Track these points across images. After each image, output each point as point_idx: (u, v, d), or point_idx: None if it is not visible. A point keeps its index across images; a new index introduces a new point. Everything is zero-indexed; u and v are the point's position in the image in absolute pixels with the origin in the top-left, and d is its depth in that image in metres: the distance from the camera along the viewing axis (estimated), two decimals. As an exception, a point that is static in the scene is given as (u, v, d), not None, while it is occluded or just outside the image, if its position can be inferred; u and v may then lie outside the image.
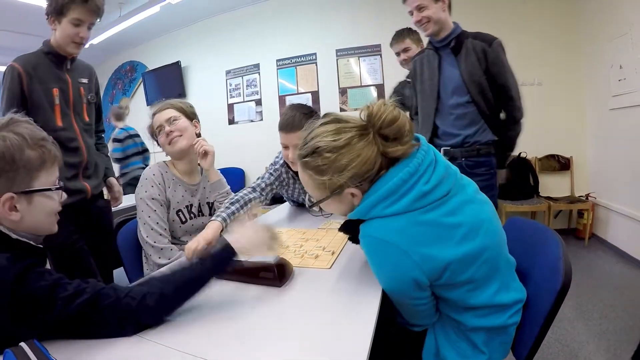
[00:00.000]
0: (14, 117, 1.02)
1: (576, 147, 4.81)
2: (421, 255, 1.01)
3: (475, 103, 2.25)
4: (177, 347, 0.88)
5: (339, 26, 5.80)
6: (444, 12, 2.25)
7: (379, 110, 1.06)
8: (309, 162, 1.10)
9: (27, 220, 1.00)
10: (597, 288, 3.20)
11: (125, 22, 5.89)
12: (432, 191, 1.04)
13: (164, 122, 1.93)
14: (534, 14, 4.82)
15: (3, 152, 0.93)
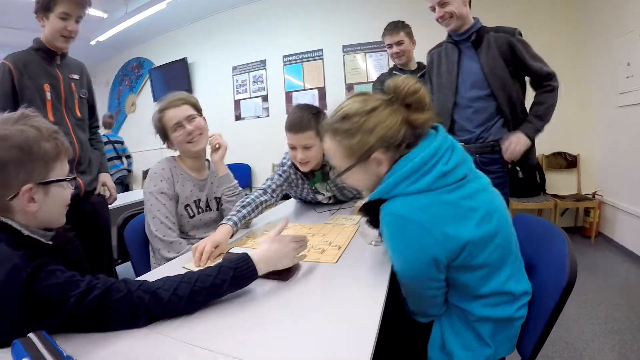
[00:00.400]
0: (25, 112, 1.03)
1: (583, 144, 4.79)
2: (443, 234, 1.04)
3: (495, 97, 2.22)
4: (182, 339, 0.90)
5: (345, 22, 5.80)
6: (465, 6, 2.24)
7: (403, 82, 1.14)
8: (339, 128, 1.17)
9: (43, 211, 1.02)
10: (603, 287, 3.19)
11: (132, 18, 5.92)
12: (451, 172, 1.10)
13: (184, 119, 1.92)
14: (542, 11, 4.82)
15: (20, 145, 0.95)
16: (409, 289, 1.21)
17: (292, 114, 2.07)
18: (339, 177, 1.26)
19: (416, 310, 1.27)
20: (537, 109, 2.21)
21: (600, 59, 4.44)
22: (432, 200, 1.07)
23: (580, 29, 4.71)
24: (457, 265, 1.10)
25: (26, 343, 0.78)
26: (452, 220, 1.07)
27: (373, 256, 1.45)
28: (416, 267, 1.11)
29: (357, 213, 2.15)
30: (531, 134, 2.17)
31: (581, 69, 4.71)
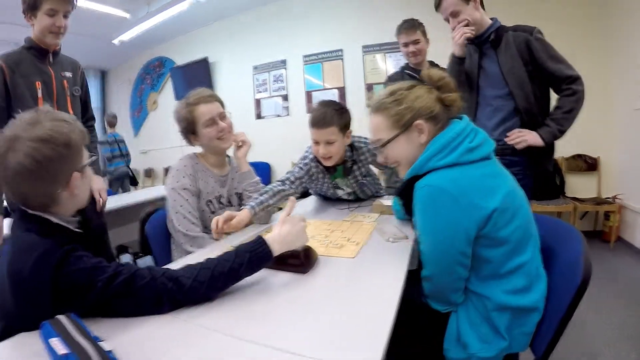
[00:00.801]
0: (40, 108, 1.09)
1: (604, 147, 4.73)
2: (470, 202, 1.16)
3: (513, 96, 2.19)
4: (203, 324, 0.94)
5: (365, 22, 5.81)
6: (478, 10, 2.23)
7: (433, 72, 1.40)
8: (386, 101, 1.37)
9: (78, 193, 1.10)
10: (621, 292, 3.15)
11: (153, 18, 6.04)
12: (476, 148, 1.25)
13: (216, 116, 1.99)
14: (562, 14, 4.78)
15: (64, 142, 1.02)
16: (434, 267, 1.26)
17: (316, 110, 2.14)
18: (385, 146, 1.38)
19: (436, 295, 1.30)
20: (555, 113, 2.16)
21: (621, 62, 4.40)
22: (460, 173, 1.21)
23: (600, 31, 4.66)
24: (484, 235, 1.18)
25: (55, 324, 0.82)
26: (478, 192, 1.18)
27: (391, 252, 1.48)
28: (447, 237, 1.19)
29: (374, 211, 2.19)
30: (546, 136, 2.11)
31: (602, 71, 4.65)
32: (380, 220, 2.00)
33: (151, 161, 8.16)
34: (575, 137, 4.55)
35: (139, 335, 0.91)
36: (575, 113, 2.14)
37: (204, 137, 2.00)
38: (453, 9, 2.21)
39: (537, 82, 2.18)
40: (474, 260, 1.22)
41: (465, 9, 2.20)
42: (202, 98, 1.99)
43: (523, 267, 1.19)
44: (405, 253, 1.43)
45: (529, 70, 2.16)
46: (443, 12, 2.29)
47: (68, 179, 1.04)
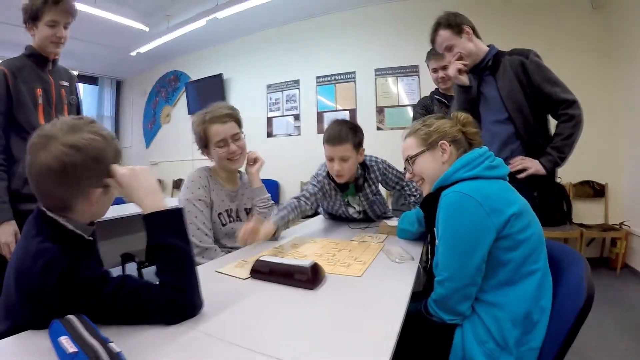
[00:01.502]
0: (85, 118, 1.11)
1: (611, 173, 4.74)
2: (491, 207, 1.27)
3: (512, 120, 2.21)
4: (211, 333, 0.98)
5: (378, 46, 5.91)
6: (471, 41, 2.26)
7: (459, 114, 1.62)
8: (417, 126, 1.62)
9: (98, 208, 1.12)
10: (626, 320, 3.13)
11: (172, 33, 6.17)
12: (496, 168, 1.43)
13: (229, 137, 2.02)
14: (570, 37, 4.83)
15: (95, 156, 1.04)
16: (452, 269, 1.31)
17: (331, 127, 2.24)
18: (414, 158, 1.58)
19: (445, 302, 1.33)
20: (555, 141, 2.16)
21: (629, 86, 4.42)
22: (483, 184, 1.36)
23: (608, 56, 4.69)
24: (504, 236, 1.27)
25: (65, 323, 0.85)
26: (498, 200, 1.30)
27: (396, 272, 1.53)
28: (470, 239, 1.28)
29: (381, 232, 2.24)
30: (548, 165, 2.13)
31: (610, 96, 4.68)
32: (387, 242, 2.05)
33: (161, 173, 8.19)
34: (583, 163, 4.60)
35: (144, 340, 0.94)
36: (574, 138, 2.14)
37: (215, 155, 2.06)
38: (447, 44, 2.27)
39: (534, 105, 2.19)
40: (490, 266, 1.29)
41: (458, 42, 2.25)
42: (218, 118, 2.01)
43: (536, 273, 1.26)
44: (411, 273, 1.49)
45: (526, 93, 2.17)
46: (438, 47, 2.35)
47: (89, 192, 1.05)
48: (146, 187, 1.13)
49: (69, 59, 7.03)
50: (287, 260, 1.43)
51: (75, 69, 7.64)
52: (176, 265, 1.08)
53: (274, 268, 1.39)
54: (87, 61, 7.67)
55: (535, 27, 4.95)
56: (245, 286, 1.37)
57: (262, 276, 1.41)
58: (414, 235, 2.08)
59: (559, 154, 2.13)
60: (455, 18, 2.26)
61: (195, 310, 1.08)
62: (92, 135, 1.04)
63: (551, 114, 2.25)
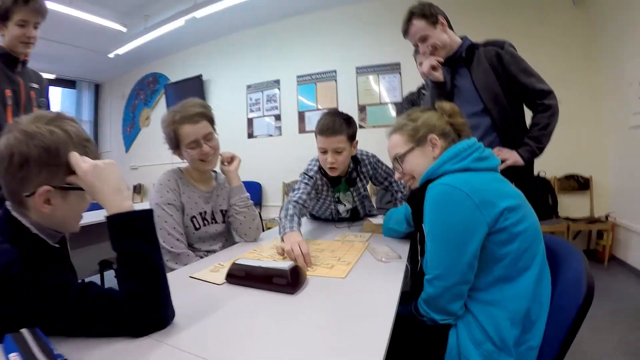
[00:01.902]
0: (61, 114, 1.03)
1: (596, 166, 4.76)
2: (481, 200, 1.19)
3: (488, 112, 2.17)
4: (184, 349, 0.87)
5: (359, 44, 5.87)
6: (445, 32, 2.22)
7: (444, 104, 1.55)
8: (402, 121, 1.53)
9: (56, 215, 1.01)
10: (617, 311, 3.13)
11: (150, 33, 6.06)
12: (485, 159, 1.36)
13: (201, 138, 1.89)
14: (553, 33, 4.87)
15: (49, 146, 0.94)
16: (442, 267, 1.23)
17: (324, 118, 2.17)
18: (402, 157, 1.50)
19: (436, 301, 1.25)
20: (532, 131, 2.14)
21: (612, 80, 4.44)
22: (472, 176, 1.29)
23: (592, 51, 4.73)
24: (498, 230, 1.19)
25: (17, 338, 0.78)
26: (489, 192, 1.23)
27: (383, 272, 1.45)
28: (458, 234, 1.20)
29: (366, 230, 2.17)
30: (526, 155, 2.10)
31: (593, 90, 4.71)
32: (372, 240, 1.97)
33: (141, 177, 8.10)
34: (567, 157, 4.64)
35: (106, 355, 0.84)
36: (551, 128, 2.12)
37: (187, 156, 1.95)
38: (421, 34, 2.22)
39: (511, 96, 2.16)
40: (484, 261, 1.21)
41: (433, 33, 2.20)
42: (188, 118, 1.88)
43: (534, 267, 1.19)
44: (399, 273, 1.40)
45: (502, 83, 2.14)
46: (411, 38, 2.29)
47: (40, 189, 0.95)
48: (111, 185, 1.01)
49: (45, 61, 6.94)
50: (265, 263, 1.33)
51: (52, 72, 7.54)
52: (143, 272, 0.97)
53: (250, 272, 1.30)
54: (64, 64, 7.52)
55: (518, 23, 4.97)
56: (220, 292, 1.28)
57: (238, 281, 1.31)
58: (402, 235, 2.00)
59: (536, 144, 2.11)
60: (430, 8, 2.21)
61: (164, 321, 0.98)
62: (53, 127, 0.97)
63: (527, 105, 2.23)
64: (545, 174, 4.70)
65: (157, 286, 0.98)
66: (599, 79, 4.68)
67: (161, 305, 0.97)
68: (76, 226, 1.12)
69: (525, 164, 2.12)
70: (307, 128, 6.16)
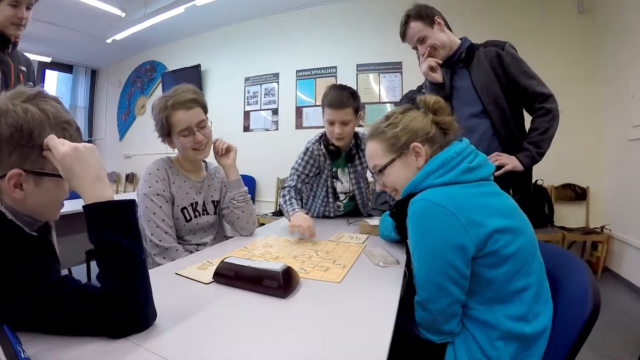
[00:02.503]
0: (42, 92, 0.96)
1: (593, 177, 4.72)
2: (468, 219, 1.09)
3: (487, 114, 2.13)
4: (163, 355, 0.80)
5: (361, 41, 5.80)
6: (443, 32, 2.20)
7: (428, 97, 1.37)
8: (381, 126, 1.38)
9: (29, 201, 0.94)
10: (609, 324, 3.10)
11: (149, 20, 5.95)
12: (475, 169, 1.22)
13: (195, 125, 1.83)
14: (555, 41, 4.83)
15: (22, 125, 0.87)
16: (428, 289, 1.15)
17: (332, 92, 2.27)
18: (382, 171, 1.37)
19: (430, 324, 1.19)
20: (532, 136, 2.09)
21: (612, 91, 4.41)
22: (458, 191, 1.17)
23: (593, 62, 4.69)
24: (486, 254, 1.10)
25: None
26: (478, 210, 1.12)
27: (381, 278, 1.38)
28: (439, 252, 1.11)
29: (362, 232, 2.11)
30: (525, 161, 2.05)
31: (593, 101, 4.68)
32: (369, 242, 1.91)
33: (134, 166, 8.03)
34: (565, 166, 4.61)
35: (80, 357, 0.78)
36: (551, 133, 2.07)
37: (179, 145, 1.87)
38: (419, 35, 2.20)
39: (511, 99, 2.12)
40: (474, 282, 1.14)
41: (430, 33, 2.18)
42: (182, 104, 1.80)
43: (528, 289, 1.11)
44: (397, 279, 1.33)
45: (502, 85, 2.11)
46: (409, 41, 2.27)
47: (5, 171, 0.88)
48: (92, 172, 0.92)
49: (41, 44, 6.89)
50: (256, 263, 1.25)
51: (48, 55, 7.46)
52: (121, 268, 0.89)
53: (240, 272, 1.22)
54: (61, 47, 7.42)
55: (522, 29, 4.92)
56: (207, 293, 1.20)
57: (227, 281, 1.24)
58: (396, 240, 1.93)
59: (536, 149, 2.06)
60: (426, 9, 2.20)
61: (144, 323, 0.90)
62: (30, 106, 0.90)
63: (526, 108, 2.20)
64: (542, 182, 4.67)
65: (137, 283, 0.90)
66: (599, 89, 4.64)
67: (140, 305, 0.90)
68: (55, 215, 1.05)
69: (525, 170, 2.08)
70: (305, 124, 6.09)
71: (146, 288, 0.92)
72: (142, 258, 0.93)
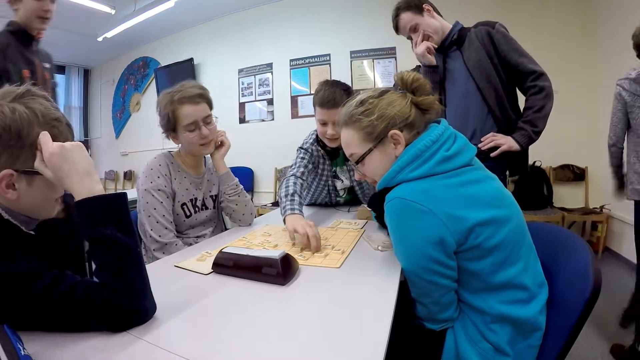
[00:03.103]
0: (31, 90, 0.94)
1: (592, 157, 4.71)
2: (446, 214, 1.05)
3: (480, 91, 2.11)
4: (164, 346, 0.79)
5: (354, 27, 5.75)
6: (434, 18, 2.21)
7: (406, 74, 1.28)
8: (355, 112, 1.27)
9: (24, 201, 0.93)
10: (612, 303, 3.10)
11: (140, 16, 5.87)
12: (453, 157, 1.15)
13: (201, 120, 1.83)
14: (551, 22, 4.80)
15: (9, 125, 0.86)
16: (415, 283, 1.15)
17: (323, 89, 2.10)
18: (360, 162, 1.29)
19: (426, 314, 1.20)
20: (526, 114, 2.06)
21: (609, 71, 4.38)
22: (433, 184, 1.11)
23: (589, 41, 4.67)
24: (468, 248, 1.07)
25: None
26: (456, 204, 1.07)
27: (380, 262, 1.37)
28: (422, 250, 1.08)
29: (360, 217, 2.10)
30: (522, 140, 2.03)
31: (590, 80, 4.66)
32: (367, 227, 1.90)
33: (131, 164, 8.00)
34: (563, 147, 4.60)
35: (81, 353, 0.77)
36: (546, 111, 2.04)
37: (184, 139, 1.86)
38: (411, 24, 2.22)
39: (503, 76, 2.11)
40: (460, 274, 1.13)
41: (421, 20, 2.20)
42: (189, 98, 1.80)
43: (516, 278, 1.09)
44: (396, 263, 1.31)
45: (494, 63, 2.10)
46: (402, 31, 2.29)
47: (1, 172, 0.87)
48: (81, 168, 0.91)
49: (32, 46, 6.74)
50: (255, 252, 1.25)
51: (39, 56, 7.36)
52: (117, 262, 0.88)
53: (238, 261, 1.22)
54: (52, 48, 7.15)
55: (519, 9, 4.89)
56: (206, 283, 1.20)
57: (226, 271, 1.23)
58: None
59: (532, 127, 2.04)
60: None
61: (143, 315, 0.90)
62: (17, 105, 0.88)
63: (519, 87, 2.18)
64: (540, 164, 4.66)
65: (133, 276, 0.89)
66: (596, 68, 4.62)
67: (138, 297, 0.89)
68: (50, 212, 1.03)
69: (522, 149, 2.06)
70: (300, 113, 6.06)
71: (143, 281, 0.91)
72: (137, 251, 0.92)
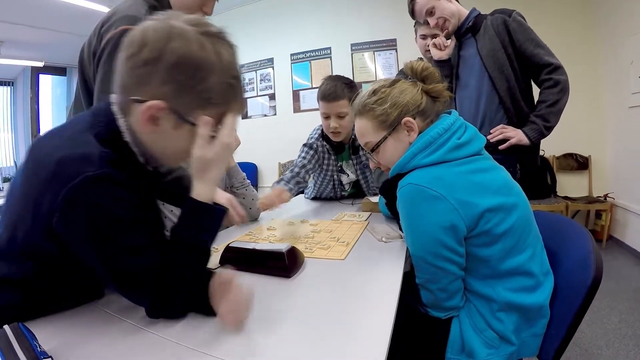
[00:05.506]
0: (223, 32, 0.90)
1: (595, 145, 4.71)
2: (458, 200, 1.07)
3: (492, 81, 2.07)
4: (172, 338, 0.81)
5: (354, 20, 5.74)
6: (451, 2, 2.17)
7: (415, 63, 1.32)
8: (369, 102, 1.29)
9: (157, 141, 0.86)
10: (615, 292, 3.12)
11: (140, 15, 5.82)
12: (465, 145, 1.18)
13: None
14: (552, 11, 4.76)
15: (190, 59, 0.78)
16: (424, 269, 1.16)
17: (326, 84, 2.16)
18: (374, 150, 1.31)
19: (432, 301, 1.20)
20: (539, 108, 2.02)
21: (611, 59, 4.38)
22: (446, 170, 1.14)
23: (591, 28, 4.66)
24: (478, 234, 1.09)
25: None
26: (468, 190, 1.10)
27: (384, 253, 1.37)
28: (431, 235, 1.10)
29: (364, 209, 2.10)
30: (532, 135, 1.99)
31: (592, 69, 4.65)
32: (371, 219, 1.90)
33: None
34: (566, 135, 4.57)
35: (96, 350, 0.77)
36: (560, 106, 2.00)
37: None
38: (427, 7, 2.16)
39: (517, 67, 2.07)
40: (469, 261, 1.14)
41: (438, 4, 2.15)
42: None
43: (524, 265, 1.11)
44: (400, 253, 1.33)
45: (508, 53, 2.05)
46: (418, 15, 2.24)
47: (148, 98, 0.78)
48: (220, 171, 0.92)
49: (33, 49, 6.82)
50: (261, 246, 1.26)
51: (41, 59, 7.37)
52: (193, 267, 0.87)
53: (244, 255, 1.23)
54: (53, 51, 7.31)
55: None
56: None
57: (232, 265, 1.24)
58: None
59: (544, 122, 1.99)
60: None
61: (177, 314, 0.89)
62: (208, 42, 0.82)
63: (534, 80, 2.13)
64: (544, 153, 4.65)
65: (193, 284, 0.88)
66: (599, 57, 4.61)
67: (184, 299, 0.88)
68: (174, 164, 1.02)
69: (532, 144, 2.02)
70: (303, 107, 6.06)
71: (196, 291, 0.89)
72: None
